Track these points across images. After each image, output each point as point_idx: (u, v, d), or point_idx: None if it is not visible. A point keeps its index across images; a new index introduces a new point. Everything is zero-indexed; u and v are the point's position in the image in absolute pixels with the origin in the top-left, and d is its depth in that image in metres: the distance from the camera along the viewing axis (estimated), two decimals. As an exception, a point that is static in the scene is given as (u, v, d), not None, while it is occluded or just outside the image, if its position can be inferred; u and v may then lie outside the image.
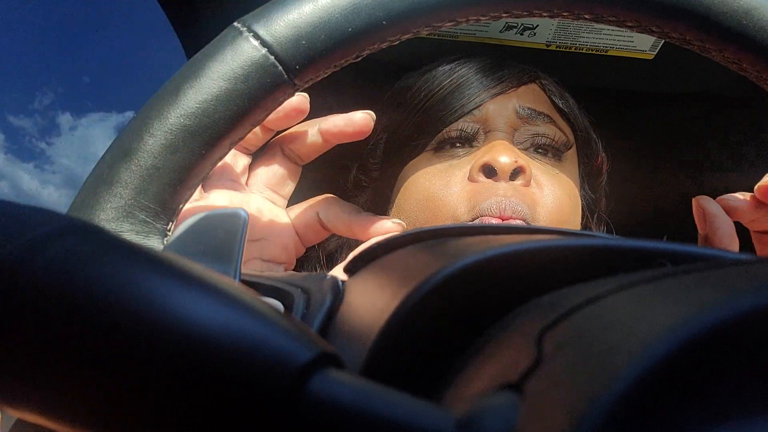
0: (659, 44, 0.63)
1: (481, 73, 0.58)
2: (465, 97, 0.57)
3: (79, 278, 0.14)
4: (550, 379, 0.12)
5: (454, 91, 0.58)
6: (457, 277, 0.18)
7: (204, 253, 0.23)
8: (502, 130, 0.57)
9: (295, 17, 0.30)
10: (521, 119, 0.58)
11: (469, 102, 0.57)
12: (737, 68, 0.35)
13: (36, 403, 0.15)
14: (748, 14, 0.33)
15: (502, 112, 0.57)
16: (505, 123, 0.57)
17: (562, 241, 0.18)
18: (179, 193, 0.29)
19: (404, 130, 0.60)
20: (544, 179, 0.56)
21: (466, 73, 0.59)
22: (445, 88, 0.58)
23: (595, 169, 0.65)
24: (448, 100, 0.58)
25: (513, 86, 0.58)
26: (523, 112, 0.58)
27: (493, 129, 0.57)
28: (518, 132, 0.58)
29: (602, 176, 0.66)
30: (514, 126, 0.58)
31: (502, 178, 0.53)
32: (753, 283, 0.12)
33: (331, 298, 0.24)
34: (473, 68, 0.59)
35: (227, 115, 0.30)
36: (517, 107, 0.58)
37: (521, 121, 0.58)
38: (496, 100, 0.58)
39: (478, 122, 0.57)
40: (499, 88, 0.58)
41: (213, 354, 0.14)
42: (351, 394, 0.13)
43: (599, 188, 0.66)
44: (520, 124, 0.58)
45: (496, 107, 0.57)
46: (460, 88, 0.58)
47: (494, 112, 0.57)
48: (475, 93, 0.57)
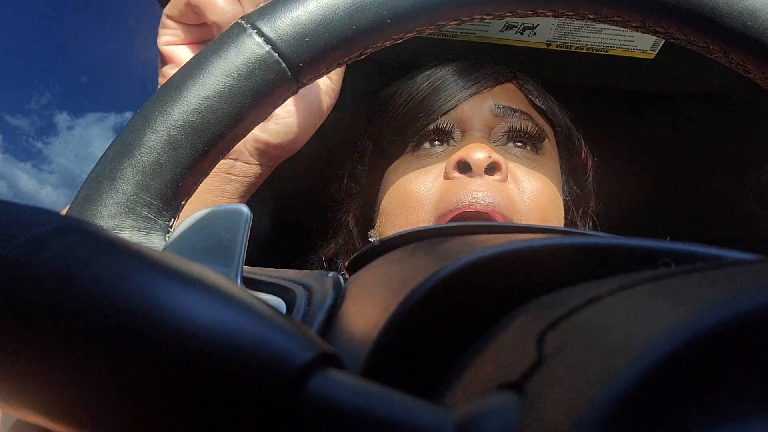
0: (660, 44, 0.63)
1: (457, 75, 0.60)
2: (441, 98, 0.58)
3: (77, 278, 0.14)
4: (551, 379, 0.12)
5: (432, 93, 0.59)
6: (457, 276, 0.18)
7: (206, 250, 0.23)
8: (479, 128, 0.58)
9: (299, 14, 0.30)
10: (497, 117, 0.59)
11: (445, 103, 0.58)
12: (742, 70, 0.35)
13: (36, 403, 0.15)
14: (753, 16, 0.33)
15: (478, 111, 0.58)
16: (481, 122, 0.58)
17: (563, 241, 0.18)
18: (181, 190, 0.29)
19: (386, 135, 0.61)
20: (521, 174, 0.57)
21: (443, 75, 0.60)
22: (423, 91, 0.59)
23: (579, 165, 0.66)
24: (425, 102, 0.59)
25: (489, 86, 0.59)
26: (499, 110, 0.59)
27: (470, 128, 0.58)
28: (494, 130, 0.59)
29: (588, 173, 0.67)
30: (491, 124, 0.59)
31: (477, 174, 0.54)
32: (753, 283, 0.12)
33: (333, 296, 0.24)
34: (450, 70, 0.60)
35: (230, 111, 0.30)
36: (493, 106, 0.59)
37: (497, 119, 0.59)
38: (473, 99, 0.59)
39: (455, 122, 0.58)
40: (474, 88, 0.59)
41: (213, 354, 0.14)
42: (351, 394, 0.13)
43: (586, 185, 0.67)
44: (496, 122, 0.59)
45: (472, 106, 0.58)
46: (437, 90, 0.59)
47: (470, 111, 0.58)
48: (451, 94, 0.58)
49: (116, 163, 0.29)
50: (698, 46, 0.35)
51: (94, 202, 0.28)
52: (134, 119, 0.30)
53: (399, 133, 0.60)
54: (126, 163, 0.29)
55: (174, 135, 0.29)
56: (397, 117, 0.60)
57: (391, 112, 0.61)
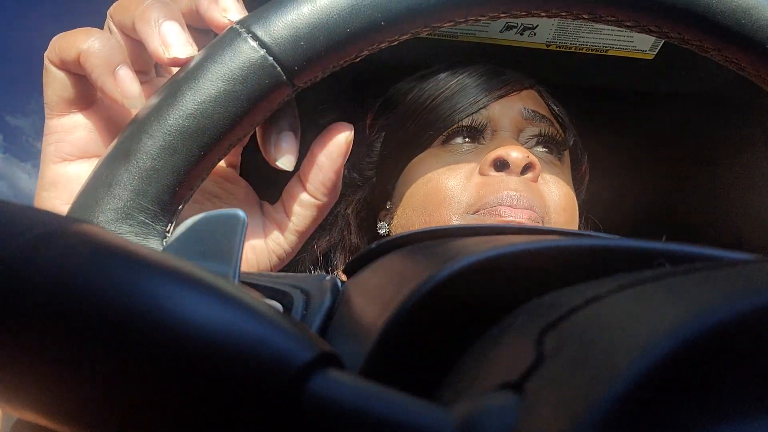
0: (659, 44, 0.63)
1: (485, 76, 0.60)
2: (471, 97, 0.59)
3: (77, 279, 0.14)
4: (550, 379, 0.12)
5: (460, 91, 0.59)
6: (457, 277, 0.18)
7: (203, 255, 0.23)
8: (509, 129, 0.59)
9: (293, 18, 0.30)
10: (526, 120, 0.60)
11: (477, 101, 0.59)
12: (736, 68, 0.35)
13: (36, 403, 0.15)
14: (746, 13, 0.33)
15: (508, 113, 0.59)
16: (511, 123, 0.59)
17: (562, 241, 0.18)
18: (178, 195, 0.29)
19: (408, 128, 0.61)
20: (549, 176, 0.58)
21: (469, 76, 0.60)
22: (451, 89, 0.60)
23: (580, 175, 0.68)
24: (455, 99, 0.59)
25: (516, 90, 0.60)
26: (528, 113, 0.60)
27: (500, 128, 0.59)
28: (523, 133, 0.60)
29: (584, 185, 0.69)
30: (520, 127, 0.60)
31: (514, 173, 0.55)
32: (753, 283, 0.12)
33: (331, 299, 0.24)
34: (475, 72, 0.61)
35: (226, 116, 0.30)
36: (522, 109, 0.60)
37: (526, 122, 0.60)
38: (502, 101, 0.60)
39: (486, 120, 0.59)
40: (503, 90, 0.60)
41: (212, 354, 0.13)
42: (350, 394, 0.13)
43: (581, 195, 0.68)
44: (525, 125, 0.60)
45: (502, 108, 0.59)
46: (466, 89, 0.59)
47: (500, 112, 0.59)
48: (481, 94, 0.59)
49: (113, 169, 0.29)
50: (693, 45, 0.35)
51: (91, 207, 0.28)
52: (130, 125, 0.30)
53: (426, 128, 0.60)
54: (122, 169, 0.28)
55: (170, 140, 0.29)
56: (422, 111, 0.60)
57: (415, 106, 0.61)
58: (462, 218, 0.55)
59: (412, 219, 0.58)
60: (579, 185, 0.67)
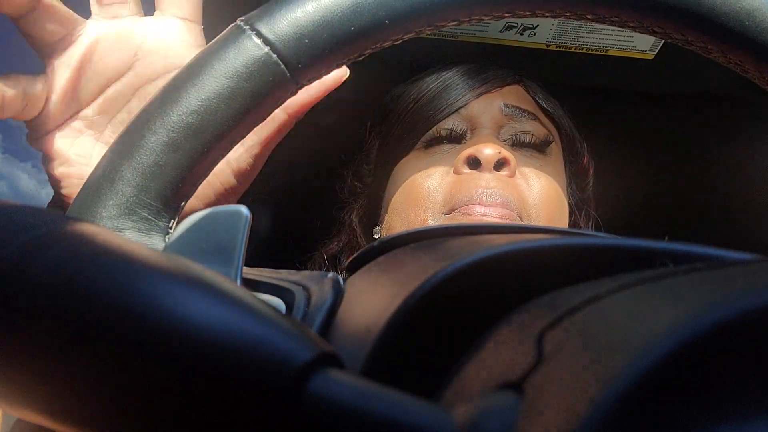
0: (659, 44, 0.63)
1: (466, 75, 0.60)
2: (452, 97, 0.59)
3: (78, 279, 0.14)
4: (550, 379, 0.12)
5: (442, 92, 0.60)
6: (457, 276, 0.18)
7: (205, 252, 0.23)
8: (488, 126, 0.59)
9: (297, 15, 0.30)
10: (506, 116, 0.60)
11: (456, 101, 0.59)
12: (739, 69, 0.35)
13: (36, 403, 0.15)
14: (750, 15, 0.33)
15: (488, 110, 0.59)
16: (490, 120, 0.59)
17: (562, 241, 0.18)
18: (181, 191, 0.29)
19: (395, 132, 0.62)
20: (528, 171, 0.58)
21: (452, 76, 0.61)
22: (432, 90, 0.60)
23: (582, 169, 0.67)
24: (435, 100, 0.60)
25: (497, 86, 0.60)
26: (508, 110, 0.60)
27: (479, 126, 0.59)
28: (503, 129, 0.60)
29: (589, 177, 0.68)
30: (500, 123, 0.60)
31: (486, 169, 0.55)
32: (753, 283, 0.12)
33: (332, 297, 0.24)
34: (459, 71, 0.61)
35: (229, 113, 0.30)
36: (502, 105, 0.60)
37: (506, 118, 0.60)
38: (482, 99, 0.60)
39: (465, 120, 0.59)
40: (483, 87, 0.60)
41: (213, 355, 0.14)
42: (351, 394, 0.13)
43: (587, 189, 0.68)
44: (505, 122, 0.60)
45: (481, 105, 0.59)
46: (447, 89, 0.60)
47: (480, 109, 0.59)
48: (461, 93, 0.59)
49: (116, 165, 0.29)
50: (696, 46, 0.35)
51: (93, 203, 0.28)
52: (134, 121, 0.30)
53: (409, 131, 0.60)
54: (125, 165, 0.29)
55: (173, 136, 0.29)
56: (406, 115, 0.61)
57: (400, 110, 0.62)
58: (436, 218, 0.55)
59: (395, 221, 0.59)
60: (581, 179, 0.67)
